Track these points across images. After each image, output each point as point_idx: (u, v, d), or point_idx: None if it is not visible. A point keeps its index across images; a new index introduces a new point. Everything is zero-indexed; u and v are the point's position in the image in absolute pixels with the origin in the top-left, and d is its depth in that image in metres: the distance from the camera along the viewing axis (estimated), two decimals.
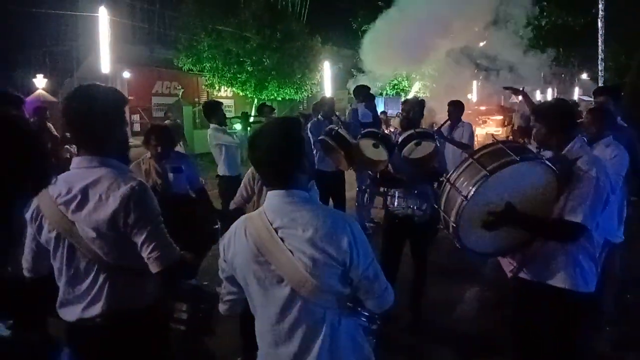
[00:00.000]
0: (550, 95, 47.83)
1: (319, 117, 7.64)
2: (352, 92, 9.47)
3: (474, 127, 8.00)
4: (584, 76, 29.48)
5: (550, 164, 2.74)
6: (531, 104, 5.70)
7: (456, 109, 7.40)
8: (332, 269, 1.91)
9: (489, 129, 22.98)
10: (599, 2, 7.59)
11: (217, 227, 3.97)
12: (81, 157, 2.20)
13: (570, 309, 2.93)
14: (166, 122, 15.91)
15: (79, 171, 2.19)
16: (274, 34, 19.61)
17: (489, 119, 24.75)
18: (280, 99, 21.66)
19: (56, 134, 8.51)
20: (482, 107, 25.76)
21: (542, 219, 2.86)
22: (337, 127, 4.68)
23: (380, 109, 14.61)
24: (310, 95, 23.38)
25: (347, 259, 1.91)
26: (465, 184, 2.73)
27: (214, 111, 6.78)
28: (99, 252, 2.14)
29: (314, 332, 1.94)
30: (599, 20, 7.66)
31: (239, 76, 20.27)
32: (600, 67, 7.67)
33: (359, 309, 2.02)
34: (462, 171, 2.81)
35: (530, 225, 2.86)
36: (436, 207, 2.92)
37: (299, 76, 21.53)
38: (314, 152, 6.01)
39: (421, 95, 26.28)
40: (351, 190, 8.25)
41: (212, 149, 6.89)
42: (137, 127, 20.94)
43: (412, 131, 4.41)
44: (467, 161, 2.83)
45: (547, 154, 3.00)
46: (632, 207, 4.83)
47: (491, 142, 2.89)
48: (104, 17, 17.13)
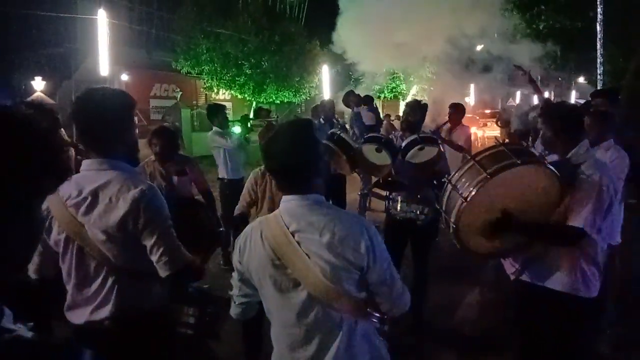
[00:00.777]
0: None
1: (320, 120, 7.67)
2: (343, 99, 9.49)
3: (469, 129, 8.03)
4: (581, 79, 29.55)
5: (552, 168, 2.74)
6: (539, 92, 5.71)
7: (457, 111, 7.39)
8: (349, 273, 1.89)
9: (489, 132, 23.19)
10: (598, 5, 7.62)
11: (221, 230, 3.97)
12: (91, 160, 2.21)
13: (571, 313, 2.92)
14: (165, 124, 15.91)
15: (89, 173, 2.20)
16: (273, 37, 19.67)
17: (488, 122, 24.95)
18: (278, 101, 21.71)
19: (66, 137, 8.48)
20: (487, 110, 25.97)
21: (540, 224, 2.85)
22: (339, 132, 4.68)
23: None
24: (308, 98, 23.42)
25: (364, 263, 1.90)
26: (466, 185, 2.74)
27: (215, 114, 6.84)
28: (108, 255, 2.15)
29: (331, 335, 1.93)
30: (598, 23, 7.70)
31: (237, 79, 20.31)
32: (599, 71, 7.70)
33: (370, 311, 2.01)
34: (463, 172, 2.81)
35: (528, 231, 2.87)
36: (437, 208, 2.92)
37: (297, 79, 21.58)
38: None
39: (419, 98, 26.32)
40: (352, 193, 8.26)
41: (212, 152, 6.94)
42: None
43: (415, 136, 4.41)
44: (469, 163, 2.83)
45: (553, 157, 3.01)
46: (629, 209, 4.85)
47: (494, 144, 2.89)
48: (102, 19, 17.11)
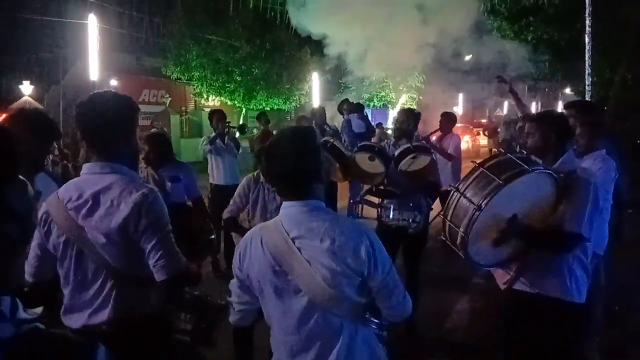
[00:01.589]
0: (534, 108, 48.52)
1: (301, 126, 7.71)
2: (337, 107, 9.60)
3: (460, 138, 8.10)
4: (567, 90, 29.92)
5: (555, 175, 2.77)
6: (519, 103, 5.73)
7: (448, 120, 7.48)
8: (350, 279, 1.89)
9: (483, 141, 23.52)
10: (586, 17, 7.75)
11: (213, 237, 3.96)
12: (92, 163, 2.21)
13: (562, 319, 2.95)
14: (152, 130, 15.84)
15: (91, 177, 2.20)
16: (263, 44, 19.71)
17: (479, 132, 25.34)
18: (268, 108, 21.71)
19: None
20: (483, 120, 26.35)
21: (543, 231, 2.87)
22: (332, 140, 4.71)
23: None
24: (298, 105, 23.47)
25: (365, 269, 1.90)
26: (477, 193, 2.69)
27: (210, 120, 6.98)
28: (107, 259, 2.15)
29: (331, 341, 1.93)
30: (586, 35, 7.82)
31: (227, 85, 20.32)
32: (587, 82, 7.82)
33: (369, 316, 2.01)
34: (471, 181, 2.77)
35: (532, 238, 2.87)
36: (442, 217, 2.85)
37: (288, 86, 21.64)
38: None
39: (407, 106, 26.51)
40: (342, 200, 8.28)
41: None
42: None
43: (408, 145, 4.45)
44: (477, 171, 2.79)
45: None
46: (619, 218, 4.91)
47: (497, 152, 2.91)
48: (93, 24, 17.02)
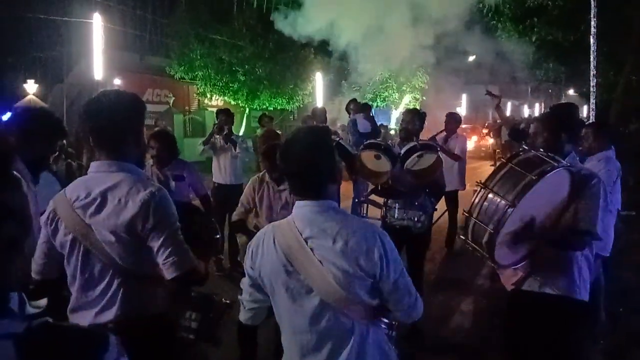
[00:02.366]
0: (537, 109, 48.46)
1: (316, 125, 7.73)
2: (345, 107, 9.63)
3: (466, 139, 8.14)
4: (571, 92, 29.89)
5: (573, 171, 2.77)
6: (503, 116, 5.88)
7: (453, 120, 7.50)
8: (362, 281, 1.89)
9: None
10: (592, 19, 7.72)
11: (218, 236, 3.97)
12: (100, 162, 2.21)
13: (570, 316, 2.96)
14: (155, 129, 15.86)
15: (98, 175, 2.20)
16: (267, 43, 19.67)
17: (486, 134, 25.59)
18: (272, 108, 21.69)
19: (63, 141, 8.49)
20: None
21: (559, 230, 2.86)
22: (337, 138, 4.71)
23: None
24: (301, 105, 23.45)
25: (377, 271, 1.89)
26: (508, 189, 2.65)
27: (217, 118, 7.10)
28: (115, 257, 2.15)
29: (342, 342, 1.92)
30: (591, 37, 7.79)
31: (231, 85, 20.27)
32: (592, 83, 7.79)
33: (378, 317, 2.01)
34: (500, 177, 2.73)
35: (549, 238, 2.86)
36: (466, 214, 2.79)
37: (291, 86, 21.59)
38: None
39: (411, 107, 26.52)
40: (346, 200, 8.28)
41: None
42: None
43: (415, 143, 4.45)
44: (505, 167, 2.75)
45: None
46: (623, 221, 4.91)
47: (521, 150, 2.88)
48: (97, 23, 17.05)
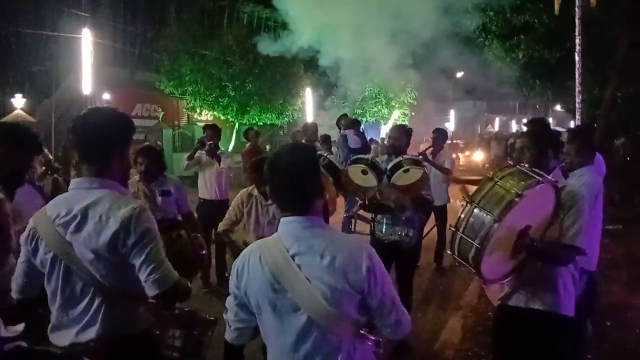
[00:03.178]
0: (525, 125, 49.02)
1: (303, 142, 7.73)
2: (336, 122, 9.67)
3: (452, 154, 8.29)
4: (558, 107, 30.32)
5: (558, 186, 2.79)
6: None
7: (440, 136, 7.60)
8: (349, 297, 1.88)
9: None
10: (577, 36, 7.87)
11: (204, 252, 3.95)
12: (81, 178, 2.20)
13: (556, 332, 2.96)
14: (145, 144, 15.81)
15: (79, 192, 2.18)
16: (257, 59, 19.77)
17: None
18: (261, 123, 21.74)
19: (50, 156, 8.43)
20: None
21: (548, 245, 2.86)
22: (326, 154, 4.71)
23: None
24: (291, 120, 23.53)
25: (364, 287, 1.88)
26: (495, 205, 2.64)
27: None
28: (96, 275, 2.12)
29: (330, 359, 1.91)
30: (576, 54, 7.93)
31: (220, 100, 20.32)
32: (577, 99, 7.91)
33: (365, 333, 1.98)
34: (486, 192, 2.72)
35: (538, 252, 2.83)
36: (452, 229, 2.77)
37: (281, 102, 21.68)
38: None
39: (400, 122, 26.73)
40: (336, 215, 8.27)
41: None
42: None
43: (400, 158, 4.46)
44: (489, 182, 2.75)
45: None
46: (610, 235, 4.94)
47: (507, 164, 2.89)
48: (87, 38, 17.04)
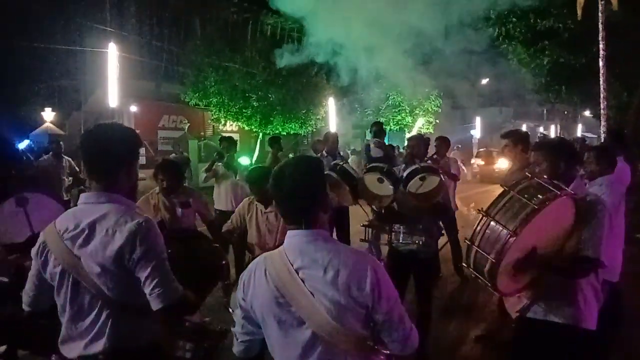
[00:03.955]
0: (553, 131, 48.17)
1: (323, 152, 7.73)
2: (370, 127, 9.82)
3: (457, 161, 8.46)
4: (587, 113, 29.74)
5: (577, 199, 2.73)
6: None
7: (444, 144, 7.74)
8: (354, 312, 1.85)
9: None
10: (600, 41, 7.72)
11: (224, 262, 3.97)
12: (89, 193, 2.23)
13: (576, 346, 2.89)
14: (171, 155, 16.06)
15: (87, 206, 2.21)
16: (280, 70, 19.94)
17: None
18: (285, 133, 21.87)
19: (77, 168, 8.68)
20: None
21: (561, 260, 2.81)
22: (341, 162, 4.69)
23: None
24: (314, 130, 23.62)
25: (369, 302, 1.85)
26: (511, 218, 2.60)
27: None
28: (103, 288, 2.14)
29: None
30: (600, 59, 7.78)
31: (244, 111, 20.55)
32: (602, 105, 7.75)
33: (377, 347, 1.95)
34: (502, 205, 2.68)
35: (551, 267, 2.80)
36: (467, 243, 2.74)
37: (304, 111, 21.80)
38: None
39: (424, 130, 26.59)
40: (355, 225, 8.23)
41: None
42: (142, 160, 21.16)
43: (417, 166, 4.41)
44: (507, 195, 2.71)
45: None
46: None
47: (524, 176, 2.84)
48: (112, 52, 17.46)
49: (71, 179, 9.07)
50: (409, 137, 5.20)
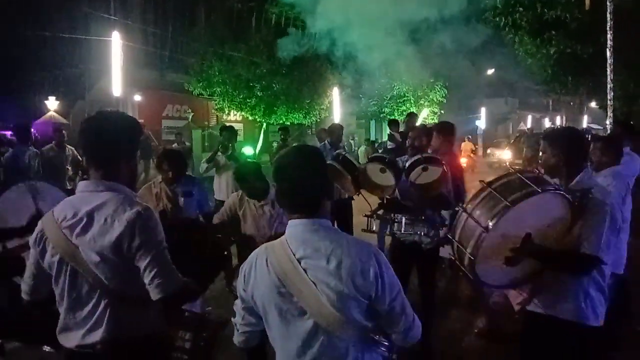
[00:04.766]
0: (559, 122, 47.89)
1: (326, 142, 7.68)
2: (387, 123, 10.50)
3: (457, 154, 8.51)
4: (593, 104, 29.53)
5: (567, 196, 2.68)
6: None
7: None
8: (356, 302, 1.84)
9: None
10: (608, 32, 7.62)
11: (226, 252, 3.96)
12: (88, 181, 2.21)
13: (578, 342, 2.85)
14: (173, 145, 16.04)
15: (85, 195, 2.19)
16: (284, 59, 19.85)
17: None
18: (288, 123, 21.82)
19: (80, 157, 8.67)
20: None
21: (558, 251, 2.78)
22: (344, 152, 4.66)
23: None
24: (318, 120, 23.55)
25: (372, 292, 1.84)
26: (484, 214, 2.62)
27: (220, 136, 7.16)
28: (101, 278, 2.12)
29: None
30: (607, 50, 7.68)
31: (248, 100, 20.47)
32: (609, 96, 7.68)
33: (379, 338, 1.94)
34: (479, 201, 2.69)
35: (547, 258, 2.77)
36: (450, 237, 2.78)
37: (308, 101, 21.72)
38: None
39: (429, 121, 26.47)
40: (358, 215, 8.21)
41: None
42: None
43: (419, 156, 4.38)
44: (485, 191, 2.71)
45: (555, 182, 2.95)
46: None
47: (508, 171, 2.81)
48: (116, 41, 17.42)
49: (75, 168, 9.08)
50: (412, 128, 5.12)
